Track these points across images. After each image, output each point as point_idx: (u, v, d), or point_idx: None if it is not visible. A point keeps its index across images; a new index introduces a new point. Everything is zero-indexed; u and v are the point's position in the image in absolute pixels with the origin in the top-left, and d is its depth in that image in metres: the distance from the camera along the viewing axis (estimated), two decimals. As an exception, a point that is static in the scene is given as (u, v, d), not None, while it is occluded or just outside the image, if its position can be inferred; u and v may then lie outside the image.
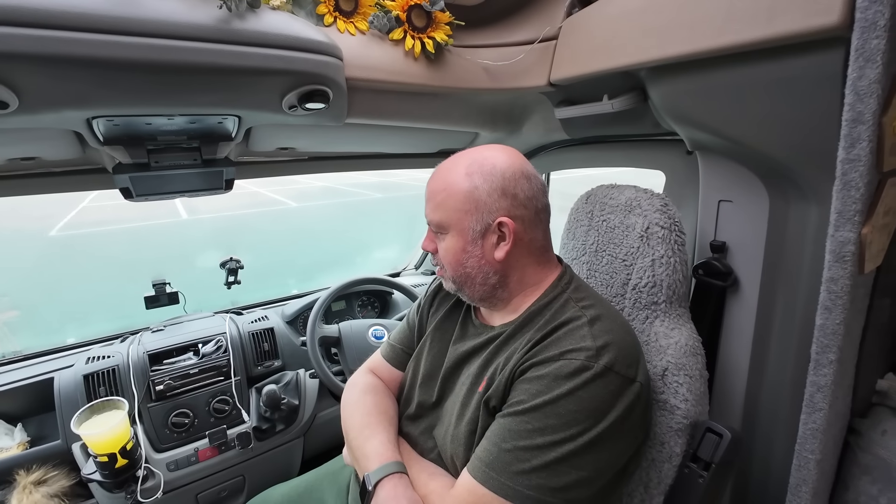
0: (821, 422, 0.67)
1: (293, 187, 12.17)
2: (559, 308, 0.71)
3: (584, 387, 0.60)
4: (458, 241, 0.72)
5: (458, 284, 0.76)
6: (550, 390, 0.61)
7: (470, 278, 0.74)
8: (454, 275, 0.75)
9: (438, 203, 0.73)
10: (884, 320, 0.76)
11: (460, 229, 0.72)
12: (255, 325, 1.45)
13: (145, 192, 0.93)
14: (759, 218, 0.79)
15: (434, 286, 0.94)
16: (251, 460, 1.30)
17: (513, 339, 0.72)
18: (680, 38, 0.68)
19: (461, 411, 0.73)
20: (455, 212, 0.71)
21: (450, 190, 0.71)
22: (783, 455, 0.78)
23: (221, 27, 0.65)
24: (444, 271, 0.77)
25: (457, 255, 0.73)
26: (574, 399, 0.60)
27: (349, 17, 0.85)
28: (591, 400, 0.60)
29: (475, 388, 0.72)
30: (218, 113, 0.77)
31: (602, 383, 0.61)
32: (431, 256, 0.79)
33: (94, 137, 0.78)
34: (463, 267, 0.73)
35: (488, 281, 0.73)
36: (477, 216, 0.70)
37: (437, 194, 0.73)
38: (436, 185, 0.74)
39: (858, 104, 0.53)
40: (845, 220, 0.57)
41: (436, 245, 0.77)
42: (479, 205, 0.70)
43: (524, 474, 0.59)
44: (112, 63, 0.59)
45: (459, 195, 0.71)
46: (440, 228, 0.74)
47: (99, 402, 1.06)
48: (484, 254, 0.72)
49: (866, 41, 0.51)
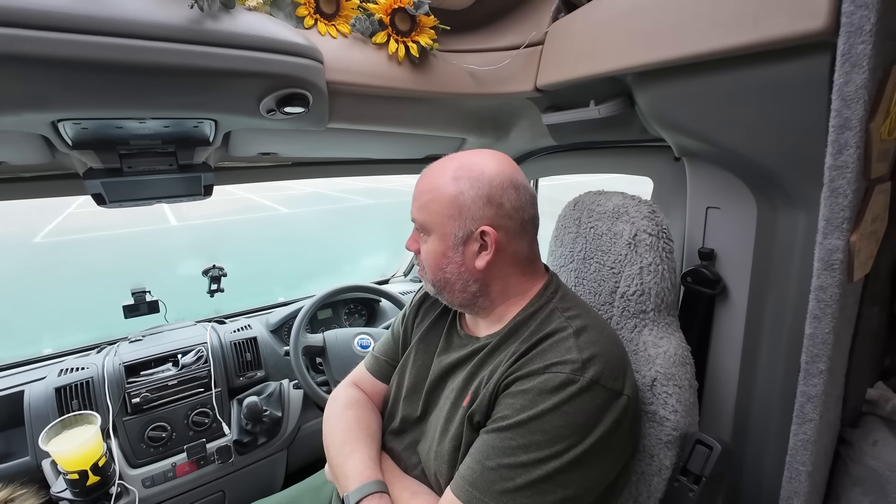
0: (811, 433, 0.65)
1: (284, 193, 12.11)
2: (544, 318, 0.69)
3: (569, 401, 0.58)
4: (439, 245, 0.70)
5: (438, 288, 0.74)
6: (535, 405, 0.59)
7: (449, 284, 0.72)
8: (434, 278, 0.73)
9: (423, 204, 0.71)
10: (873, 329, 0.75)
11: (442, 233, 0.70)
12: (238, 335, 1.41)
13: (119, 198, 0.89)
14: (747, 225, 0.78)
15: (419, 296, 0.92)
16: (231, 475, 1.26)
17: (497, 351, 0.70)
18: (665, 43, 0.68)
19: (445, 426, 0.70)
20: (438, 215, 0.69)
21: (435, 192, 0.70)
22: (774, 467, 0.76)
23: (193, 27, 0.62)
24: (425, 273, 0.75)
25: (437, 259, 0.71)
26: (559, 414, 0.58)
27: (330, 20, 0.83)
28: (577, 415, 0.58)
29: (459, 403, 0.70)
30: (192, 117, 0.74)
31: (588, 397, 0.59)
32: (415, 256, 0.78)
33: (61, 141, 0.74)
34: (442, 272, 0.71)
35: (468, 288, 0.71)
36: (460, 222, 0.68)
37: (423, 195, 0.71)
38: (423, 185, 0.72)
39: (845, 110, 0.52)
40: (833, 227, 0.56)
41: (419, 245, 0.75)
42: (462, 210, 0.68)
43: (508, 493, 0.57)
44: (76, 63, 0.57)
45: (444, 199, 0.69)
46: (423, 229, 0.72)
47: (70, 417, 1.02)
48: (464, 261, 0.70)
49: (852, 46, 0.50)
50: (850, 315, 0.67)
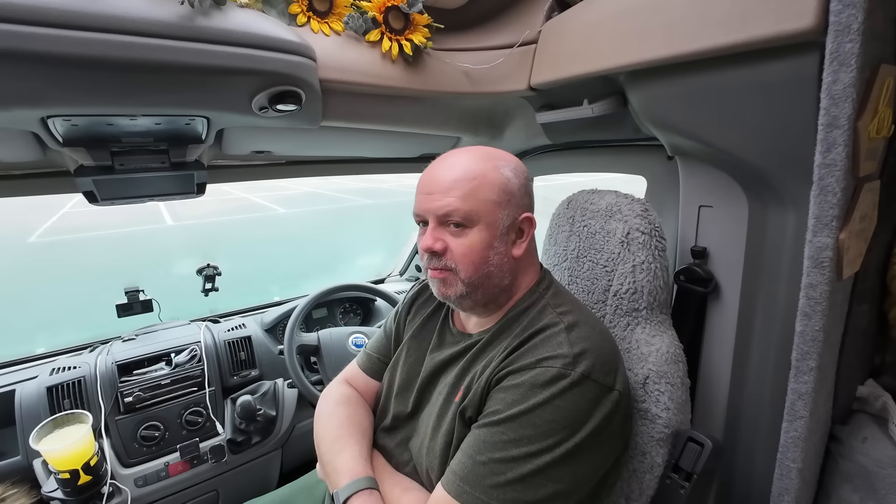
0: (802, 430, 0.66)
1: (280, 193, 12.08)
2: (536, 314, 0.69)
3: (560, 395, 0.58)
4: (486, 236, 0.66)
5: (472, 287, 0.68)
6: (526, 399, 0.59)
7: (489, 278, 0.68)
8: (472, 275, 0.67)
9: (468, 192, 0.65)
10: (862, 326, 0.75)
11: (490, 222, 0.66)
12: (232, 334, 1.41)
13: (111, 196, 0.89)
14: (738, 223, 0.78)
15: (412, 293, 0.92)
16: (225, 474, 1.26)
17: (490, 347, 0.70)
18: (656, 42, 0.68)
19: (437, 422, 0.71)
20: (488, 202, 0.66)
21: (481, 179, 0.66)
22: (765, 464, 0.77)
23: (184, 24, 0.62)
24: (455, 274, 0.67)
25: (482, 252, 0.66)
26: (551, 408, 0.58)
27: (323, 18, 0.83)
28: (568, 409, 0.58)
29: (451, 399, 0.70)
30: (183, 114, 0.74)
31: (579, 392, 0.59)
32: (430, 259, 0.69)
33: (51, 138, 0.74)
34: (486, 265, 0.67)
35: (502, 282, 0.70)
36: (509, 210, 0.68)
37: (465, 183, 0.66)
38: (457, 172, 0.67)
39: (833, 108, 0.53)
40: (823, 225, 0.57)
41: (446, 243, 0.68)
42: (511, 198, 0.68)
43: (499, 487, 0.57)
44: (65, 59, 0.56)
45: (494, 185, 0.66)
46: (466, 220, 0.66)
47: (61, 416, 1.01)
48: (507, 251, 0.69)
49: (840, 45, 0.50)
50: (840, 313, 0.67)
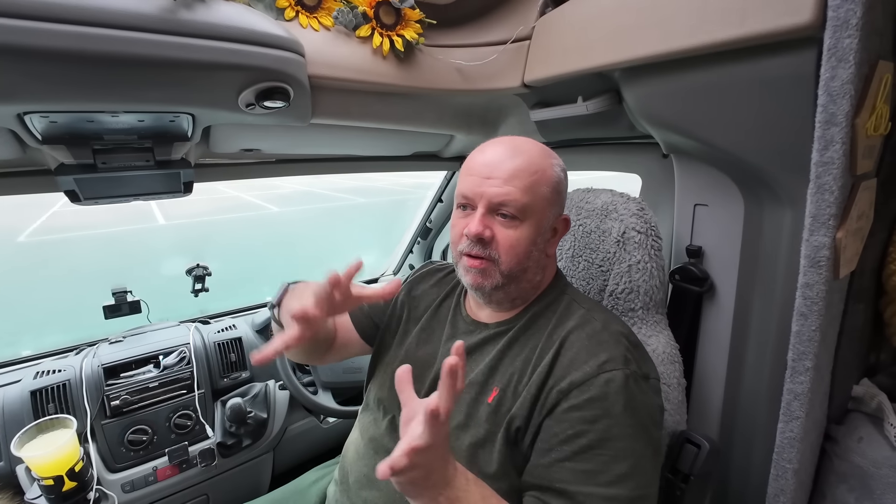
0: (798, 430, 0.65)
1: (274, 192, 12.00)
2: (563, 311, 0.69)
3: (634, 397, 0.59)
4: (533, 231, 0.65)
5: (509, 279, 0.66)
6: (608, 413, 0.57)
7: (526, 273, 0.67)
8: (512, 268, 0.65)
9: (529, 185, 0.63)
10: (858, 325, 0.75)
11: (540, 218, 0.66)
12: (222, 335, 1.38)
13: (94, 195, 0.86)
14: (734, 222, 0.77)
15: (417, 275, 0.89)
16: (215, 478, 1.23)
17: (518, 343, 0.68)
18: (652, 39, 0.67)
19: (465, 421, 0.66)
20: (543, 199, 0.65)
21: (541, 175, 0.65)
22: (761, 464, 0.76)
23: (166, 17, 0.60)
24: (495, 265, 0.65)
25: (527, 248, 0.65)
26: (632, 413, 0.58)
27: (312, 12, 0.81)
28: (641, 407, 0.59)
29: (482, 398, 0.66)
30: (167, 110, 0.72)
31: (642, 387, 0.61)
32: (472, 245, 0.65)
33: (30, 136, 0.71)
34: (528, 259, 0.66)
35: (535, 277, 0.70)
36: (555, 209, 0.68)
37: (527, 175, 0.64)
38: (521, 162, 0.64)
39: (831, 105, 0.52)
40: (820, 224, 0.56)
41: (493, 231, 0.65)
42: (559, 198, 0.68)
43: None
44: (41, 53, 0.54)
45: (551, 182, 0.66)
46: (521, 213, 0.64)
47: (45, 421, 0.98)
48: (545, 248, 0.69)
49: (839, 40, 0.49)
50: (836, 312, 0.67)
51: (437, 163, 1.47)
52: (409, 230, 2.00)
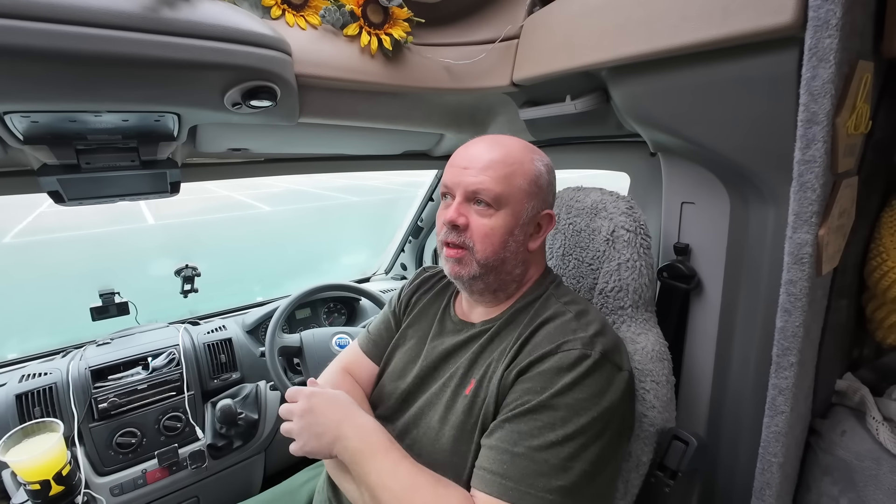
0: (783, 424, 0.66)
1: (265, 191, 11.91)
2: (541, 305, 0.71)
3: (586, 375, 0.59)
4: (509, 221, 0.67)
5: (487, 269, 0.69)
6: (554, 383, 0.59)
7: (504, 263, 0.69)
8: (488, 257, 0.68)
9: (504, 175, 0.66)
10: (841, 321, 0.76)
11: (516, 210, 0.68)
12: (212, 336, 1.37)
13: (78, 196, 0.85)
14: (720, 220, 0.78)
15: (416, 281, 0.90)
16: (206, 480, 1.22)
17: (498, 338, 0.70)
18: (637, 38, 0.67)
19: (444, 414, 0.69)
20: (519, 190, 0.67)
21: (518, 167, 0.68)
22: (747, 459, 0.77)
23: (149, 15, 0.59)
24: (471, 253, 0.68)
25: (502, 237, 0.68)
26: (579, 388, 0.59)
27: (299, 11, 0.80)
28: (593, 387, 0.60)
29: (460, 391, 0.69)
30: (151, 110, 0.71)
31: (600, 371, 0.61)
32: (448, 232, 0.69)
33: (11, 136, 0.70)
34: (504, 250, 0.68)
35: (514, 270, 0.71)
36: (535, 202, 0.69)
37: (503, 166, 0.67)
38: (499, 155, 0.67)
39: (813, 104, 0.52)
40: (802, 221, 0.57)
41: (468, 220, 0.68)
42: (539, 191, 0.70)
43: (543, 476, 0.56)
44: (19, 52, 0.53)
45: (528, 175, 0.68)
46: (496, 202, 0.66)
47: (31, 425, 0.97)
48: (524, 241, 0.70)
49: (819, 40, 0.50)
50: (820, 308, 0.68)
51: (427, 161, 1.47)
52: (400, 229, 1.99)
